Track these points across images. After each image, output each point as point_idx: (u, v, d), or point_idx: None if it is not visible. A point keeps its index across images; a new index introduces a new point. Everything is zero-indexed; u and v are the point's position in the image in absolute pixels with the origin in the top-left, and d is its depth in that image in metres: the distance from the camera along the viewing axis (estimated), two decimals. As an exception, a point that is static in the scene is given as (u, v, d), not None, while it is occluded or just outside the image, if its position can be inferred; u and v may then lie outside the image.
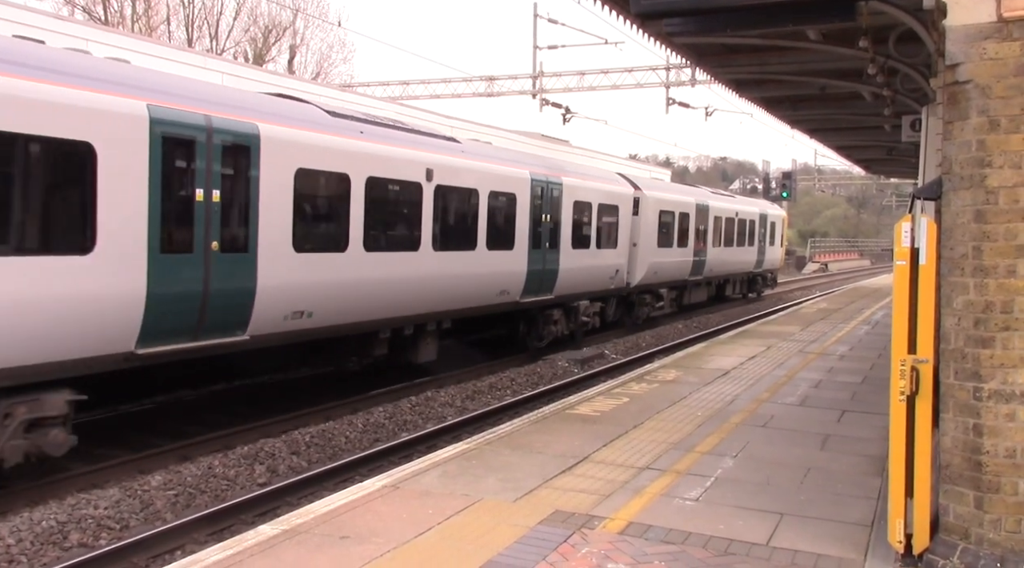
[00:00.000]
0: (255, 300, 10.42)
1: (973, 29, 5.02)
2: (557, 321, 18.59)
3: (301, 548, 5.60)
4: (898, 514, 5.38)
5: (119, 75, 9.18)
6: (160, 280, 9.20)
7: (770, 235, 34.41)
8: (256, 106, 10.79)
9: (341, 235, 11.95)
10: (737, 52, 14.07)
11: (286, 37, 45.11)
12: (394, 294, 13.03)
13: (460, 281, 14.61)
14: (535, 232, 16.90)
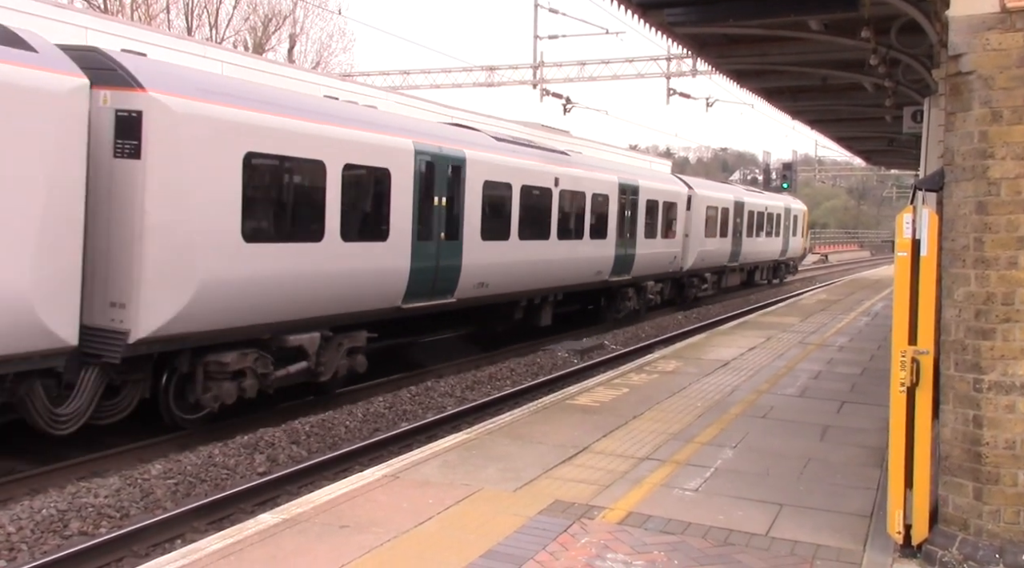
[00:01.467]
0: (460, 274, 14.56)
1: (976, 19, 5.01)
2: (631, 298, 22.69)
3: (301, 537, 5.61)
4: (897, 505, 5.39)
5: (398, 122, 13.78)
6: (416, 258, 13.30)
7: (793, 227, 38.70)
8: (461, 137, 15.13)
9: (507, 228, 16.09)
10: (738, 42, 14.04)
11: (286, 26, 45.00)
12: (533, 273, 17.23)
13: (571, 264, 18.72)
14: (620, 225, 20.93)
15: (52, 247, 8.17)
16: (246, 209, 10.15)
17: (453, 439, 8.22)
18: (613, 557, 5.37)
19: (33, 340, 8.12)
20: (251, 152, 10.20)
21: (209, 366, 10.24)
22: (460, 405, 12.64)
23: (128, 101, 9.06)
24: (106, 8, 35.06)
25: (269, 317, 10.69)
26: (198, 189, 9.57)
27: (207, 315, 9.78)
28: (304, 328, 11.30)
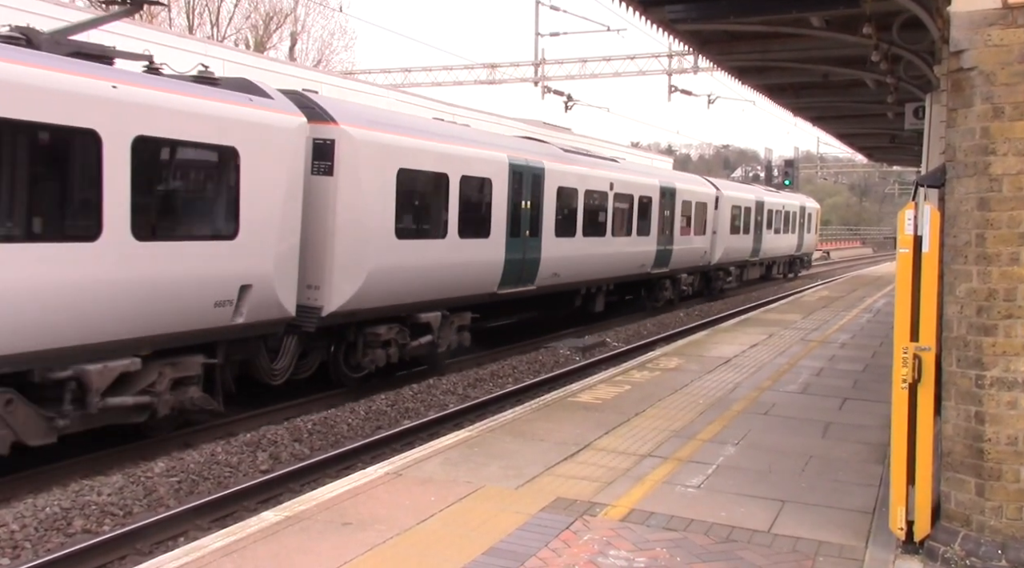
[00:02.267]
0: (540, 265, 17.06)
1: (978, 15, 5.00)
2: (667, 288, 25.31)
3: (304, 535, 5.62)
4: (899, 501, 5.39)
5: (494, 140, 16.54)
6: (509, 252, 15.85)
7: (807, 224, 41.49)
8: (539, 150, 17.64)
9: (574, 226, 18.46)
10: (740, 39, 14.04)
11: (287, 24, 45.04)
12: (593, 265, 19.64)
13: (622, 257, 21.31)
14: (661, 223, 23.47)
15: (286, 244, 10.75)
16: (398, 213, 12.76)
17: (455, 437, 8.23)
18: (615, 554, 5.37)
19: (272, 312, 10.70)
20: (402, 168, 12.84)
21: (368, 337, 12.86)
22: (462, 403, 12.64)
23: (323, 132, 11.62)
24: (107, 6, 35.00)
25: (408, 299, 13.35)
26: (368, 198, 12.17)
27: (370, 296, 12.38)
28: (430, 308, 13.96)
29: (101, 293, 8.57)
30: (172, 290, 9.29)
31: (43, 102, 7.97)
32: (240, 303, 10.13)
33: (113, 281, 8.68)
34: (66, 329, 8.30)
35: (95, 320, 8.57)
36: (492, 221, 15.31)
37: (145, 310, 9.03)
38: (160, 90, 9.18)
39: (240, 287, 10.09)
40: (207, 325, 9.83)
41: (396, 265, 12.72)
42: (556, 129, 35.28)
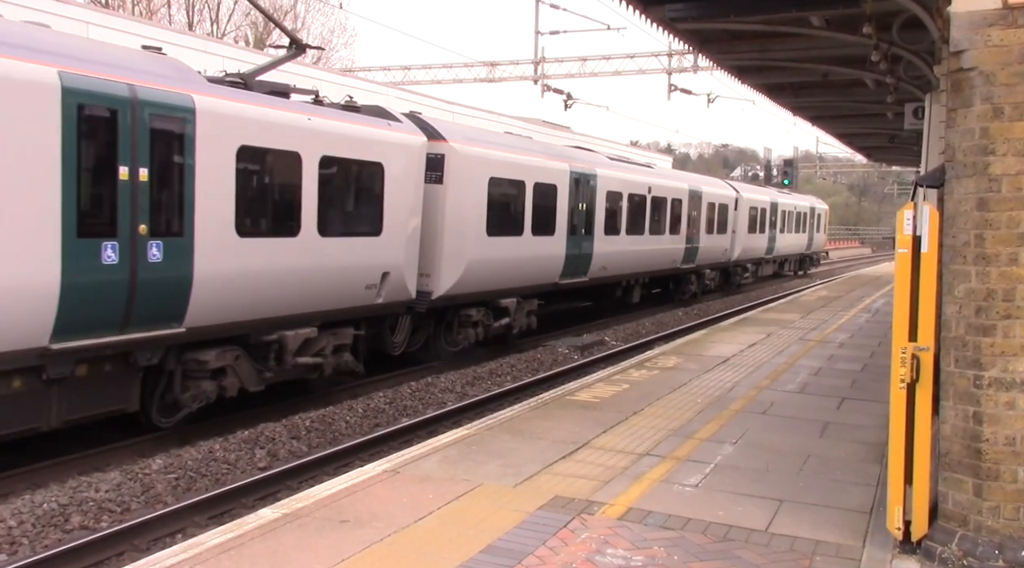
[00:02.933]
0: (592, 260, 19.36)
1: (978, 16, 5.00)
2: (692, 282, 27.79)
3: (301, 532, 5.62)
4: (897, 501, 5.40)
5: (557, 151, 19.09)
6: (568, 248, 18.22)
7: (817, 224, 44.35)
8: (590, 159, 20.17)
9: (618, 226, 20.85)
10: (740, 38, 14.03)
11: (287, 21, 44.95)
12: (633, 260, 22.20)
13: (657, 254, 23.73)
14: (689, 223, 25.78)
15: (412, 239, 13.35)
16: (488, 214, 15.23)
17: (453, 435, 8.23)
18: (613, 552, 5.38)
19: (401, 295, 13.30)
20: (492, 176, 15.42)
21: (462, 318, 15.39)
22: (460, 401, 12.64)
23: (435, 148, 13.99)
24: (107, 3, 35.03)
25: (493, 286, 15.75)
26: (468, 201, 14.70)
27: (467, 284, 14.84)
28: (508, 295, 16.42)
29: (297, 277, 11.12)
30: (341, 276, 11.93)
31: (270, 132, 10.56)
32: (381, 287, 12.79)
33: (306, 268, 11.23)
34: (274, 304, 10.89)
35: (292, 298, 11.12)
36: (556, 221, 17.76)
37: (322, 291, 11.63)
38: (334, 120, 11.71)
39: (382, 274, 12.74)
40: (358, 303, 12.49)
41: (486, 258, 15.31)
42: (555, 127, 35.28)
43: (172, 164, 9.36)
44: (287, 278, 10.94)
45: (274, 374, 11.20)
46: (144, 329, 9.19)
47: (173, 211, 9.41)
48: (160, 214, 9.25)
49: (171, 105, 9.26)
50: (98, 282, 8.60)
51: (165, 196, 9.32)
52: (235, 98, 10.17)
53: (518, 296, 16.71)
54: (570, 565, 5.17)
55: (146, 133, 8.99)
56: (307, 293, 11.28)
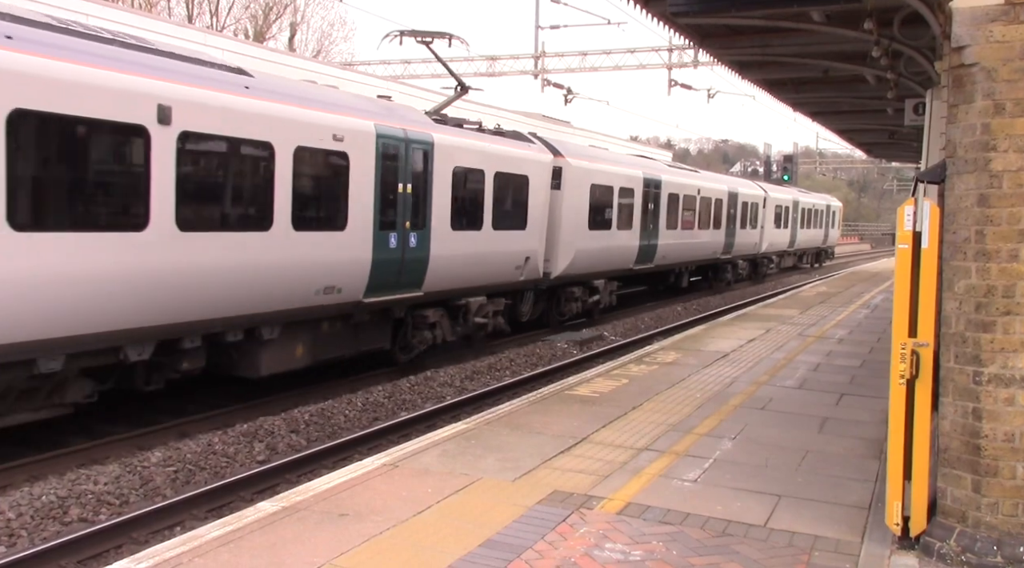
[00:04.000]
0: (657, 250, 23.43)
1: (980, 11, 4.99)
2: (728, 270, 32.03)
3: (300, 525, 5.62)
4: (896, 497, 5.40)
5: (634, 161, 23.49)
6: (641, 240, 22.21)
7: (832, 221, 48.97)
8: (655, 166, 24.41)
9: (677, 222, 24.75)
10: (740, 33, 14.01)
11: (287, 15, 44.91)
12: (686, 251, 26.24)
13: (704, 245, 27.99)
14: (728, 219, 29.80)
15: (543, 232, 17.36)
16: (590, 213, 19.34)
17: (452, 429, 8.23)
18: (612, 547, 5.38)
19: (535, 274, 17.41)
20: (592, 183, 19.53)
21: (568, 294, 19.48)
22: (459, 395, 12.65)
23: (556, 162, 18.02)
24: (106, -5, 34.89)
25: (590, 270, 19.93)
26: (576, 203, 18.89)
27: (574, 267, 18.91)
28: (598, 277, 20.58)
29: (479, 259, 15.25)
30: (502, 259, 16.09)
31: (469, 156, 14.80)
32: (524, 268, 16.85)
33: (484, 252, 15.47)
34: (466, 278, 15.06)
35: (475, 274, 15.26)
36: (633, 218, 21.87)
37: (492, 270, 15.78)
38: (501, 145, 16.03)
39: (524, 258, 16.78)
40: (508, 280, 16.51)
41: (587, 247, 19.39)
42: (555, 122, 35.23)
43: (421, 181, 13.59)
44: (473, 259, 15.18)
45: (462, 329, 15.42)
46: (404, 291, 13.39)
47: (419, 212, 13.46)
48: (415, 214, 13.35)
49: (423, 142, 13.52)
50: (387, 259, 12.77)
51: (417, 202, 13.52)
52: (451, 133, 14.56)
53: (605, 279, 20.96)
54: (569, 559, 5.17)
55: (410, 161, 13.28)
56: (483, 271, 15.60)
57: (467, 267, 14.90)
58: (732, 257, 31.40)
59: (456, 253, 14.49)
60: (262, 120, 10.48)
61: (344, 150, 11.85)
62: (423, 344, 14.38)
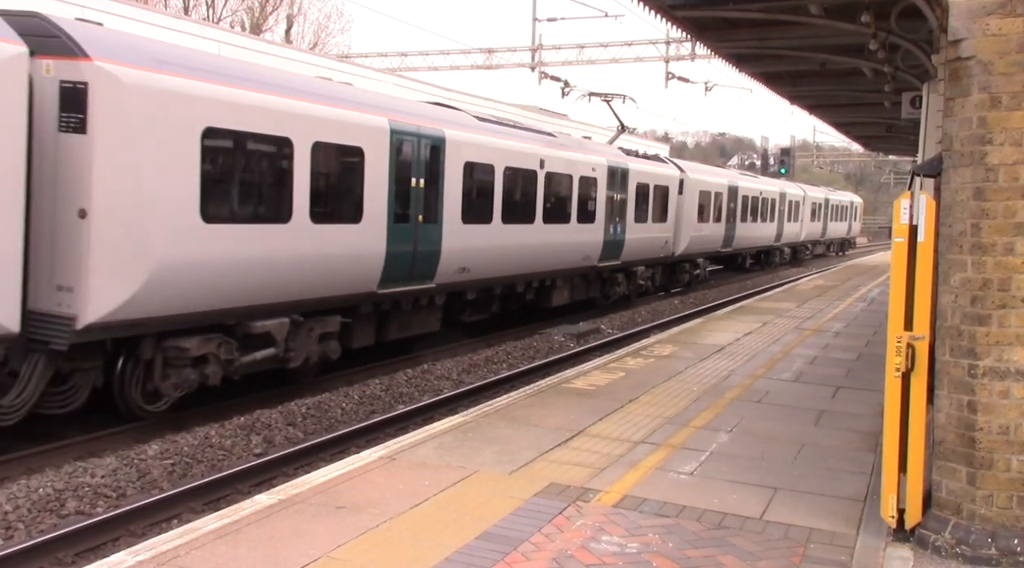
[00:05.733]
0: (735, 238, 30.52)
1: (976, 4, 4.99)
2: (777, 255, 39.38)
3: (298, 517, 5.63)
4: (891, 489, 5.42)
5: (723, 171, 34.03)
6: (726, 231, 29.56)
7: (855, 215, 58.04)
8: (733, 175, 32.42)
9: (746, 217, 31.36)
10: (738, 26, 13.98)
11: (283, 7, 44.77)
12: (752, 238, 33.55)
13: (764, 235, 35.20)
14: (780, 214, 37.52)
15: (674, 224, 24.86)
16: (698, 211, 26.25)
17: (449, 422, 8.24)
18: (608, 539, 5.40)
19: (668, 252, 24.62)
20: (701, 190, 26.46)
21: (681, 268, 26.43)
22: (456, 388, 12.65)
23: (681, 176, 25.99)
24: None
25: (697, 251, 26.87)
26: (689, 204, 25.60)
27: (689, 249, 25.87)
28: (700, 256, 27.86)
29: (648, 241, 22.71)
30: (657, 241, 23.54)
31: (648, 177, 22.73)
32: (664, 247, 24.17)
33: (650, 237, 22.90)
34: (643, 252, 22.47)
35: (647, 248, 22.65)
36: (722, 213, 29.07)
37: (653, 247, 23.28)
38: (657, 167, 23.60)
39: (665, 240, 24.08)
40: (658, 255, 24.10)
41: (698, 235, 26.76)
42: (552, 115, 35.19)
43: (623, 193, 20.05)
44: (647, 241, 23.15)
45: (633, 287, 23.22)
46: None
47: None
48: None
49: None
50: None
51: (624, 208, 20.10)
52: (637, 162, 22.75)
53: (703, 258, 28.37)
54: (565, 552, 5.19)
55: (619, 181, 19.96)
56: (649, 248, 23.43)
57: (645, 246, 23.01)
58: (780, 244, 39.38)
59: (643, 237, 22.77)
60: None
61: (595, 177, 19.70)
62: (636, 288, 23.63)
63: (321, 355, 12.08)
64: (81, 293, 8.66)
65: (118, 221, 8.84)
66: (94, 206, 8.62)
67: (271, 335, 10.95)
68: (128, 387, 9.63)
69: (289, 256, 10.88)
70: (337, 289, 11.98)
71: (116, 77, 8.72)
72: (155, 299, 9.23)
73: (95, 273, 8.68)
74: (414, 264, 13.59)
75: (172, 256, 9.34)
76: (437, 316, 14.89)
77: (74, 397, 9.30)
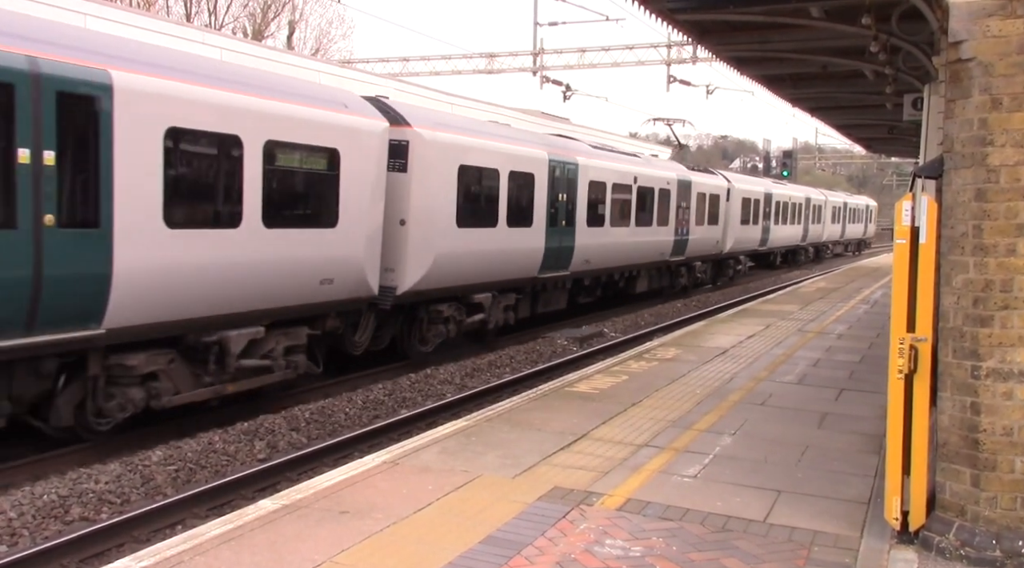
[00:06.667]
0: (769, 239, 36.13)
1: (977, 6, 5.00)
2: (802, 254, 44.41)
3: (301, 523, 5.64)
4: (895, 492, 5.41)
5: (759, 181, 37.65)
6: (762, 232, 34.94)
7: (870, 217, 64.05)
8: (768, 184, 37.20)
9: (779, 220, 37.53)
10: (739, 29, 13.98)
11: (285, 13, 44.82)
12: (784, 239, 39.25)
13: (790, 236, 40.29)
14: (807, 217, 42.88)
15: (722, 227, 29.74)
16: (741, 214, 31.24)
17: (452, 426, 8.24)
18: (612, 543, 5.39)
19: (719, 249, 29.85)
20: (743, 197, 30.76)
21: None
22: (459, 392, 12.66)
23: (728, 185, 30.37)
24: (104, -6, 34.83)
25: (739, 248, 31.69)
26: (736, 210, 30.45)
27: (734, 247, 30.97)
28: (743, 253, 32.72)
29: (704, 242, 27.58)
30: (709, 243, 28.09)
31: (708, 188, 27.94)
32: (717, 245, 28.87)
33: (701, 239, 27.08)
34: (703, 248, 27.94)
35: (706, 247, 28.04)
36: (759, 216, 32.96)
37: (707, 246, 27.84)
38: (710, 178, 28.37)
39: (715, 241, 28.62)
40: (712, 252, 28.72)
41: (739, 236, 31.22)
42: (554, 118, 35.21)
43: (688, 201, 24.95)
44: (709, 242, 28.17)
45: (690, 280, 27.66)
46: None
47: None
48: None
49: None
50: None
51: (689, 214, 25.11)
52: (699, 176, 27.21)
53: (743, 255, 33.12)
54: (569, 556, 5.19)
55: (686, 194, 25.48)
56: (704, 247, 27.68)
57: (703, 244, 27.54)
58: (805, 244, 44.31)
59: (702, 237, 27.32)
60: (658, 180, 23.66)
61: (669, 189, 24.13)
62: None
63: (504, 321, 16.74)
64: (400, 272, 13.34)
65: (420, 227, 13.49)
66: (409, 218, 13.28)
67: (482, 305, 15.63)
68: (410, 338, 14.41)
69: (499, 249, 15.89)
70: (517, 273, 16.67)
71: (422, 136, 13.47)
72: (433, 278, 13.90)
73: (409, 260, 13.36)
74: (559, 256, 18.09)
75: (442, 249, 13.95)
76: (566, 297, 19.36)
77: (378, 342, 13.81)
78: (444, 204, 13.99)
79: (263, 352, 10.71)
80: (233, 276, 9.93)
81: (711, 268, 29.93)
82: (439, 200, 13.84)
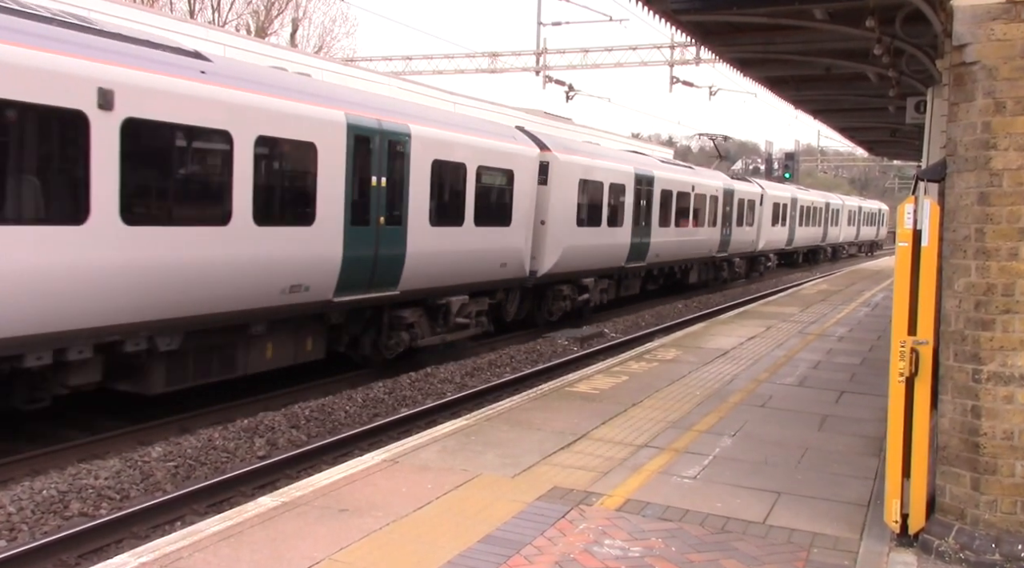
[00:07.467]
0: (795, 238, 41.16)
1: (981, 9, 4.99)
2: (822, 253, 48.77)
3: (301, 520, 5.64)
4: (895, 494, 5.41)
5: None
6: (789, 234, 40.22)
7: (882, 220, 68.39)
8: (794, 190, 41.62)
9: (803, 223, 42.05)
10: (742, 31, 13.98)
11: (288, 10, 44.86)
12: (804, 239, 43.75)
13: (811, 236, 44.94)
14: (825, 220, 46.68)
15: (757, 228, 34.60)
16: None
17: (452, 425, 8.25)
18: (611, 543, 5.39)
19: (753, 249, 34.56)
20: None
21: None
22: (460, 391, 12.66)
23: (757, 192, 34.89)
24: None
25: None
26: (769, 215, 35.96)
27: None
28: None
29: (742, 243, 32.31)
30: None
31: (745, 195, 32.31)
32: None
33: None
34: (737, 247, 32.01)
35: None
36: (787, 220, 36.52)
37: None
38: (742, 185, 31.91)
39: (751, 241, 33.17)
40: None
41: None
42: (557, 118, 35.21)
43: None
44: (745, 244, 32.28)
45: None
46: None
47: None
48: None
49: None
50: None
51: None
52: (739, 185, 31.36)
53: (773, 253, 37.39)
54: (568, 556, 5.19)
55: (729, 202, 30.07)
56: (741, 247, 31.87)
57: (742, 243, 31.93)
58: (825, 244, 48.92)
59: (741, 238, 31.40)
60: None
61: (716, 196, 28.17)
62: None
63: (600, 300, 21.00)
64: (539, 260, 17.60)
65: (555, 226, 17.84)
66: (548, 219, 17.63)
67: (587, 287, 19.94)
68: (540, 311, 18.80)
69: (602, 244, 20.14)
70: (611, 263, 21.07)
71: (558, 158, 18.04)
72: (561, 264, 18.17)
73: (547, 250, 17.69)
74: (639, 251, 22.36)
75: (567, 243, 18.35)
76: (639, 284, 23.73)
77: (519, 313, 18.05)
78: (569, 209, 18.58)
79: (465, 313, 15.03)
80: (459, 259, 14.47)
81: (746, 264, 34.59)
82: (566, 206, 18.43)
